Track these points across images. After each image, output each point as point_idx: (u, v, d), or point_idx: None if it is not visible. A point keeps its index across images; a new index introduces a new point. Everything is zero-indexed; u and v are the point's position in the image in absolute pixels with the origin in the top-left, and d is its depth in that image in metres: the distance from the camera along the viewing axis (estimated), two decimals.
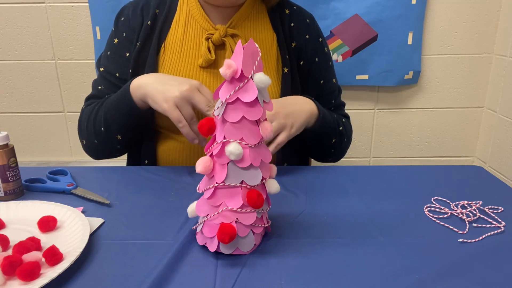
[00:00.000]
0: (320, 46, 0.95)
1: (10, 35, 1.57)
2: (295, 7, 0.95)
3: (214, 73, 0.86)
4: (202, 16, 0.87)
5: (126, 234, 0.60)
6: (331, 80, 0.97)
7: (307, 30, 0.93)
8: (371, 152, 1.74)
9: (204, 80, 0.86)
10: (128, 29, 0.89)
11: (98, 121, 0.84)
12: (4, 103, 1.66)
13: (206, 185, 0.55)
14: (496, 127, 1.59)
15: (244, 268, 0.52)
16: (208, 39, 0.85)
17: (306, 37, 0.92)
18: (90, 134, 0.87)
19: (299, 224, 0.63)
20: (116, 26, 0.92)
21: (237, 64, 0.51)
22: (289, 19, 0.92)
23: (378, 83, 1.60)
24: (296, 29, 0.92)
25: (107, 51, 0.92)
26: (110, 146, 0.88)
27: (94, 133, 0.86)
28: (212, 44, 0.85)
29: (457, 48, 1.59)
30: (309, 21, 0.95)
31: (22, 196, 0.72)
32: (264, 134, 0.53)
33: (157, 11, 0.89)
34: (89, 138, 0.88)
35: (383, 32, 1.52)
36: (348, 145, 0.97)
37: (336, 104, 0.98)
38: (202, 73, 0.86)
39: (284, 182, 0.76)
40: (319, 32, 0.96)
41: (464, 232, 0.61)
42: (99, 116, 0.84)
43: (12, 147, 0.70)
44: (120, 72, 0.89)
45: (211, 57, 0.84)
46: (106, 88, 0.90)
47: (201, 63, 0.85)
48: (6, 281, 0.48)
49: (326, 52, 0.96)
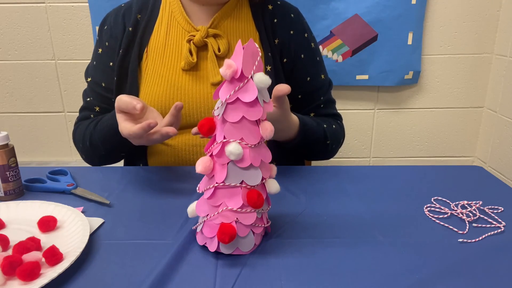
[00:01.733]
0: (305, 42, 0.91)
1: (10, 35, 1.57)
2: (279, 2, 0.92)
3: (197, 75, 0.85)
4: (183, 17, 0.86)
5: (126, 234, 0.60)
6: (319, 76, 0.93)
7: (291, 25, 0.90)
8: (371, 152, 1.74)
9: (186, 83, 0.85)
10: (110, 38, 0.89)
11: (95, 146, 0.85)
12: (4, 103, 1.66)
13: (206, 185, 0.55)
14: (496, 127, 1.59)
15: (244, 268, 0.52)
16: (189, 41, 0.84)
17: (290, 33, 0.89)
18: (88, 155, 0.90)
19: (299, 224, 0.63)
20: (100, 35, 0.92)
21: (237, 64, 0.51)
22: (272, 15, 0.89)
23: (378, 83, 1.59)
24: (279, 25, 0.89)
25: (93, 60, 0.92)
26: (111, 160, 0.92)
27: (93, 154, 0.89)
28: (194, 46, 0.84)
29: (457, 48, 1.59)
30: (294, 15, 0.91)
31: (22, 196, 0.72)
32: (264, 134, 0.53)
33: (139, 16, 0.88)
34: (88, 156, 0.91)
35: (383, 32, 1.52)
36: (338, 147, 0.95)
37: (326, 100, 0.94)
38: (184, 76, 0.85)
39: (284, 182, 0.76)
40: (305, 26, 0.93)
41: (464, 232, 0.61)
42: (94, 145, 0.85)
43: (12, 147, 0.70)
44: (105, 82, 0.89)
45: (192, 60, 0.83)
46: (94, 99, 0.92)
47: (183, 65, 0.84)
48: (6, 281, 0.48)
49: (313, 48, 0.93)
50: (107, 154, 0.87)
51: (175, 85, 0.84)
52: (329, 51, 1.55)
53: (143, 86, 0.86)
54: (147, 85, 0.85)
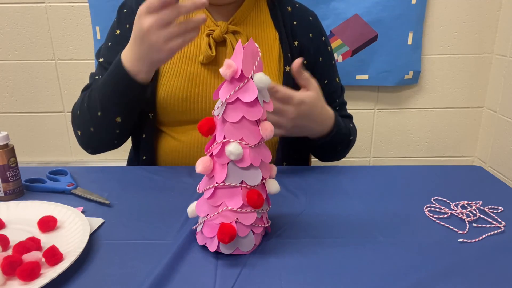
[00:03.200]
0: (323, 45, 0.94)
1: (10, 35, 1.57)
2: (298, 5, 0.94)
3: (215, 70, 0.86)
4: (203, 12, 0.87)
5: (126, 234, 0.60)
6: (334, 79, 0.97)
7: (310, 29, 0.92)
8: (371, 152, 1.74)
9: (204, 77, 0.85)
10: (132, 21, 0.87)
11: (93, 106, 0.79)
12: (4, 103, 1.66)
13: (206, 185, 0.55)
14: (496, 127, 1.59)
15: (244, 268, 0.52)
16: (209, 36, 0.84)
17: (310, 36, 0.91)
18: (86, 122, 0.82)
19: (299, 224, 0.63)
20: (119, 17, 0.91)
21: (237, 64, 0.51)
22: (291, 17, 0.91)
23: (378, 83, 1.60)
24: (299, 27, 0.91)
25: (108, 42, 0.91)
26: (109, 133, 0.82)
27: (90, 120, 0.80)
28: (213, 41, 0.84)
29: (457, 48, 1.59)
30: (312, 19, 0.94)
31: (22, 196, 0.72)
32: (264, 134, 0.53)
33: None
34: (85, 127, 0.83)
35: (383, 32, 1.52)
36: (352, 146, 0.96)
37: (340, 103, 0.98)
38: (202, 70, 0.86)
39: (284, 182, 0.76)
40: (322, 30, 0.95)
41: (464, 232, 0.61)
42: (93, 101, 0.79)
43: (12, 147, 0.70)
44: None
45: (212, 54, 0.83)
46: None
47: (202, 59, 0.84)
48: (6, 281, 0.48)
49: (329, 51, 0.96)
50: (104, 116, 0.79)
51: (193, 79, 0.84)
52: None
53: (161, 78, 0.86)
54: (165, 77, 0.85)
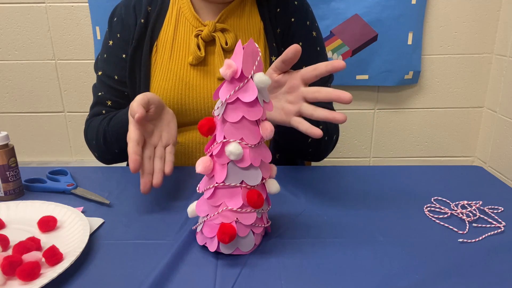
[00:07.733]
0: (306, 29, 0.89)
1: (10, 35, 1.57)
2: None
3: (204, 70, 0.85)
4: (191, 13, 0.86)
5: (126, 234, 0.60)
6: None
7: (293, 13, 0.88)
8: (371, 152, 1.74)
9: (194, 78, 0.85)
10: (122, 29, 0.88)
11: (109, 143, 0.83)
12: (4, 103, 1.66)
13: (206, 185, 0.55)
14: (496, 127, 1.59)
15: (244, 268, 0.52)
16: (197, 36, 0.84)
17: (291, 20, 0.88)
18: (101, 152, 0.87)
19: (299, 224, 0.63)
20: (110, 27, 0.91)
21: (237, 64, 0.51)
22: (277, 4, 0.89)
23: (378, 83, 1.59)
24: (282, 14, 0.88)
25: (103, 53, 0.91)
26: (124, 158, 0.89)
27: (107, 151, 0.86)
28: (202, 41, 0.84)
29: (457, 48, 1.59)
30: (298, 3, 0.89)
31: (22, 196, 0.72)
32: (264, 134, 0.53)
33: (149, 9, 0.88)
34: (101, 154, 0.88)
35: (383, 32, 1.52)
36: (331, 144, 0.88)
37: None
38: (192, 71, 0.85)
39: (284, 182, 0.76)
40: (308, 15, 0.90)
41: (464, 232, 0.61)
42: (108, 142, 0.83)
43: (12, 147, 0.70)
44: (118, 75, 0.88)
45: (201, 54, 0.83)
46: (106, 93, 0.90)
47: (191, 60, 0.84)
48: (6, 281, 0.48)
49: (313, 37, 0.89)
50: (121, 151, 0.84)
51: (183, 80, 0.85)
52: (329, 51, 1.55)
53: (152, 81, 0.86)
54: (156, 80, 0.85)
